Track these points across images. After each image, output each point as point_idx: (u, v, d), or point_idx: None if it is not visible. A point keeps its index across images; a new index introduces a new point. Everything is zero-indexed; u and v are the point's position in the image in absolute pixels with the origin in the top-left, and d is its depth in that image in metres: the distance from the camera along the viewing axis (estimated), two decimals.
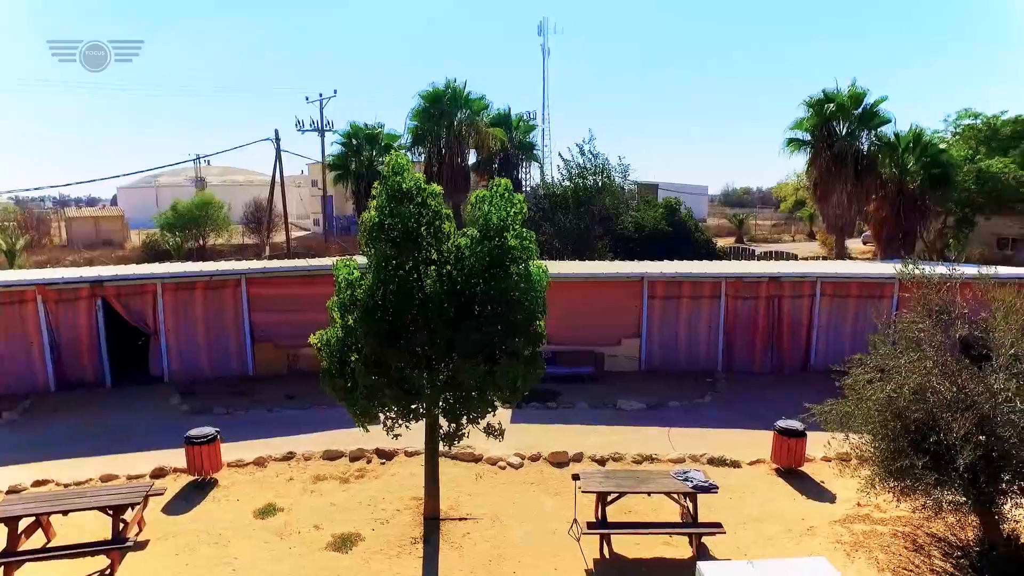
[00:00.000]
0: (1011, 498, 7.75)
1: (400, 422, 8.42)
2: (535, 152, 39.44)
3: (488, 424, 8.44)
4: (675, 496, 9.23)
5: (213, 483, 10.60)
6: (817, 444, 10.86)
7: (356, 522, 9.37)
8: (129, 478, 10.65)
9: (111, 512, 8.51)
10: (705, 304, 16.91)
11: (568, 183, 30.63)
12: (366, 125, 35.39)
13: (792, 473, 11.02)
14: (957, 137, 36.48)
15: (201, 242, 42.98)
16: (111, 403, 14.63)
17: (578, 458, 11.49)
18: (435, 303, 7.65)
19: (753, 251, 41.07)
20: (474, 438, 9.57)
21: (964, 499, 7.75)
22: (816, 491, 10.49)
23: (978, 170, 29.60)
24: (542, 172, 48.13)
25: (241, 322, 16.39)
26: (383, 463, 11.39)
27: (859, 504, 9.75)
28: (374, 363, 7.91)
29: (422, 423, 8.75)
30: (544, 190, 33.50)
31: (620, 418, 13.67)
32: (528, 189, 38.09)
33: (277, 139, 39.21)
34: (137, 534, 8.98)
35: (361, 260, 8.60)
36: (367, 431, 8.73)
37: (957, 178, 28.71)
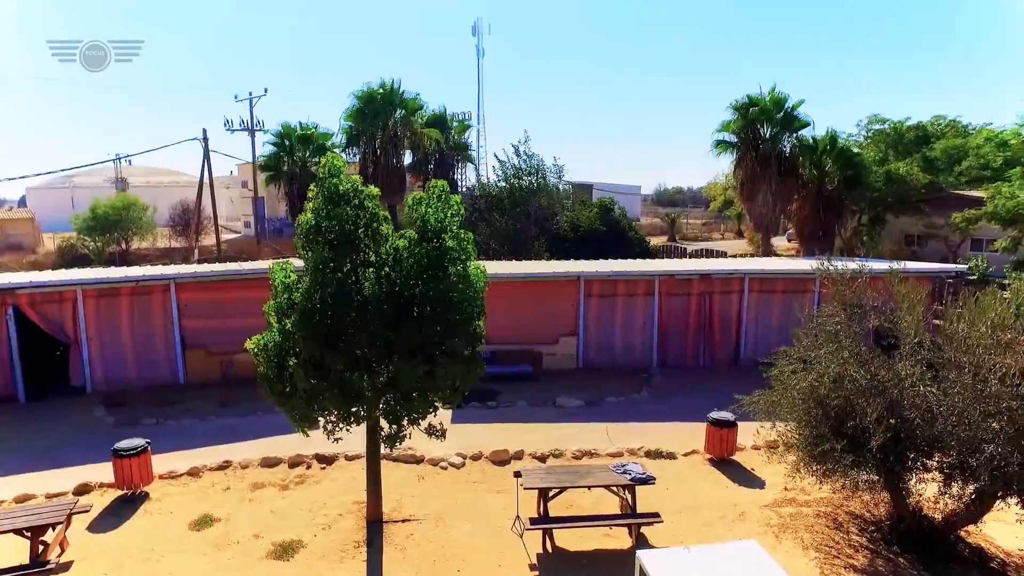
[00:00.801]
0: (915, 474, 8.37)
1: (341, 425, 8.37)
2: (471, 152, 39.54)
3: (429, 425, 8.48)
4: (614, 489, 9.49)
5: (144, 497, 10.23)
6: (747, 433, 11.41)
7: (297, 529, 9.24)
8: (49, 496, 10.13)
9: (29, 534, 8.09)
10: (640, 302, 17.39)
11: (504, 184, 30.85)
12: (300, 125, 34.65)
13: (725, 462, 11.50)
14: (868, 141, 38.69)
15: (124, 246, 41.07)
16: (27, 418, 13.88)
17: (519, 456, 11.65)
18: (374, 305, 7.64)
19: (685, 249, 42.34)
20: (416, 439, 9.59)
21: (877, 477, 8.33)
22: (747, 478, 10.98)
23: (887, 172, 31.46)
24: (478, 173, 48.28)
25: (171, 329, 15.83)
26: (323, 468, 11.25)
27: (786, 488, 10.26)
28: (313, 366, 7.83)
29: (363, 426, 8.71)
30: (480, 191, 33.63)
31: (560, 415, 13.92)
32: (464, 190, 38.12)
33: (205, 138, 37.86)
34: (59, 556, 8.55)
35: (297, 263, 8.50)
36: (307, 436, 8.64)
37: (869, 179, 30.43)
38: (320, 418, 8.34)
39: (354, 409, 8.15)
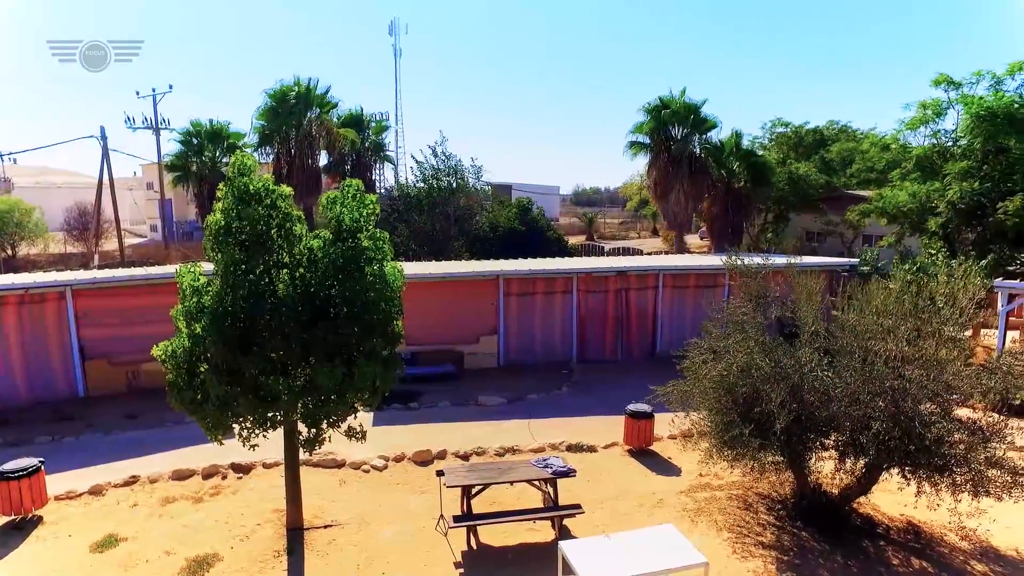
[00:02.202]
0: (815, 453, 8.96)
1: (257, 432, 8.12)
2: (389, 153, 39.07)
3: (349, 427, 8.35)
4: (536, 483, 9.64)
5: (37, 521, 9.53)
6: (664, 423, 11.80)
7: (213, 542, 8.88)
8: None
9: None
10: (558, 299, 17.72)
11: (422, 184, 30.68)
12: (210, 123, 33.23)
13: (643, 452, 11.89)
14: (772, 143, 40.94)
15: (10, 251, 38.13)
16: None
17: (442, 455, 11.64)
18: (289, 307, 7.46)
19: (602, 248, 43.36)
20: (337, 444, 9.44)
21: (781, 458, 8.85)
22: (664, 467, 11.40)
23: (789, 173, 33.40)
24: (396, 173, 47.71)
25: (67, 339, 14.84)
26: (240, 477, 10.87)
27: (701, 475, 10.72)
28: (226, 372, 7.57)
29: (280, 432, 8.49)
30: (399, 192, 33.31)
31: (482, 414, 13.99)
32: (383, 191, 37.62)
33: (104, 136, 35.66)
34: None
35: (207, 267, 8.19)
36: (222, 444, 8.32)
37: (773, 179, 32.19)
38: (235, 425, 8.07)
39: (270, 414, 7.93)
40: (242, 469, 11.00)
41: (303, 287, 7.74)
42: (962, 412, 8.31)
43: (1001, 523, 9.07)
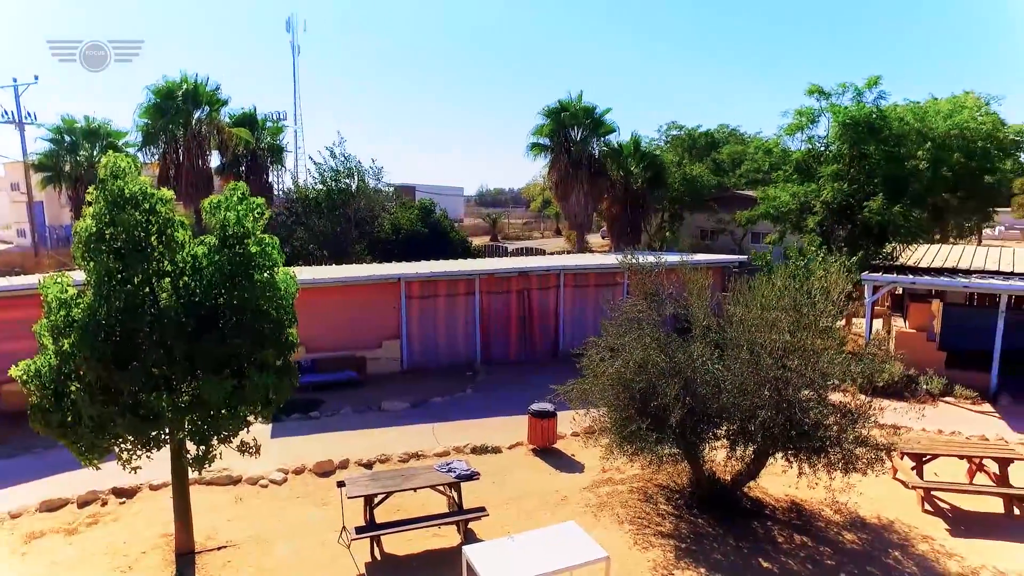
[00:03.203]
0: (708, 443, 9.39)
1: (139, 453, 7.58)
2: (285, 154, 37.59)
3: (242, 442, 7.96)
4: (441, 488, 9.56)
5: None
6: (567, 421, 12.00)
7: None
8: None
9: None
10: (461, 301, 17.68)
11: (321, 186, 29.78)
12: (85, 119, 30.77)
13: (547, 451, 12.04)
14: (668, 145, 42.69)
15: None
16: None
17: (344, 465, 11.33)
18: (171, 318, 7.01)
19: (506, 248, 43.67)
20: (232, 459, 8.98)
21: (677, 450, 9.21)
22: (568, 464, 11.59)
23: (684, 174, 34.95)
24: (296, 175, 46.10)
25: None
26: (123, 502, 10.11)
27: (603, 470, 10.99)
28: (101, 390, 7.01)
29: (167, 451, 7.96)
30: (298, 194, 32.15)
31: (385, 419, 13.73)
32: (281, 193, 36.20)
33: None
34: None
35: (78, 276, 7.56)
36: (98, 468, 7.70)
37: (669, 180, 33.56)
38: (114, 447, 7.49)
39: (153, 433, 7.41)
40: (125, 493, 10.24)
41: (187, 296, 7.30)
42: (835, 397, 8.94)
43: (867, 495, 9.87)
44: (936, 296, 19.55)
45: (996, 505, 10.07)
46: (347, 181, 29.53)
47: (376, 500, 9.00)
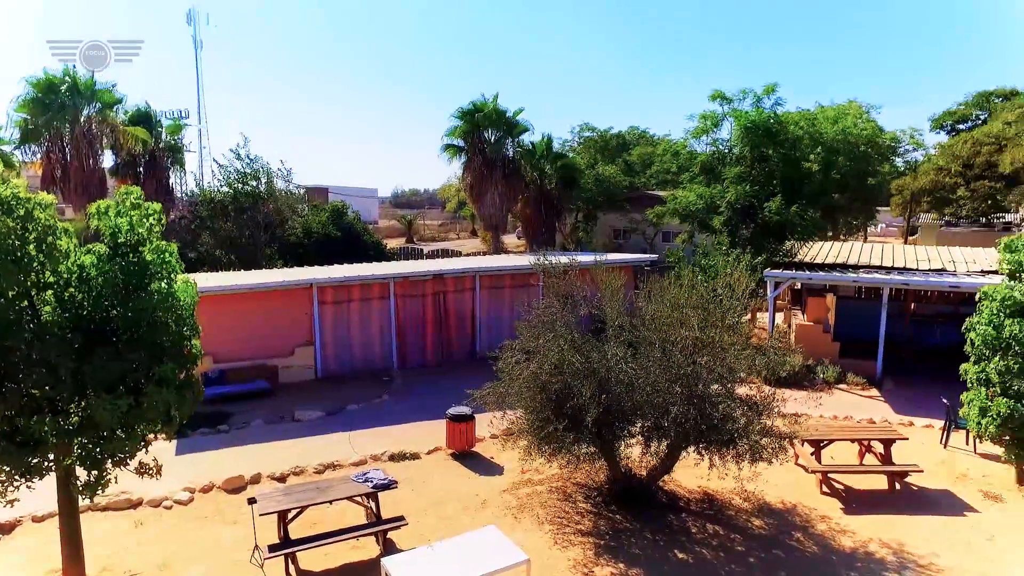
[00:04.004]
0: (624, 440, 9.60)
1: (17, 483, 6.94)
2: (187, 154, 35.63)
3: (140, 463, 7.44)
4: (358, 499, 9.31)
5: None
6: (485, 424, 11.96)
7: None
8: None
9: None
10: (376, 305, 17.34)
11: (227, 189, 28.45)
12: None
13: (467, 455, 11.97)
14: (581, 146, 43.50)
15: None
16: None
17: (256, 479, 10.86)
18: (54, 334, 6.47)
19: (422, 250, 43.23)
20: (131, 481, 8.42)
21: (594, 449, 9.36)
22: (487, 467, 11.57)
23: (596, 175, 35.69)
24: (201, 177, 43.91)
25: None
26: (0, 539, 9.24)
27: (522, 471, 11.03)
28: None
29: (53, 479, 7.33)
30: (202, 196, 30.58)
31: (300, 430, 13.27)
32: (184, 196, 34.32)
33: None
34: None
35: None
36: None
37: (583, 181, 34.16)
38: None
39: (35, 460, 6.81)
40: (3, 529, 9.35)
41: (73, 310, 6.76)
42: (742, 390, 9.34)
43: (772, 482, 10.40)
44: (830, 290, 20.85)
45: (882, 482, 10.83)
46: (254, 183, 28.33)
47: (290, 515, 8.67)
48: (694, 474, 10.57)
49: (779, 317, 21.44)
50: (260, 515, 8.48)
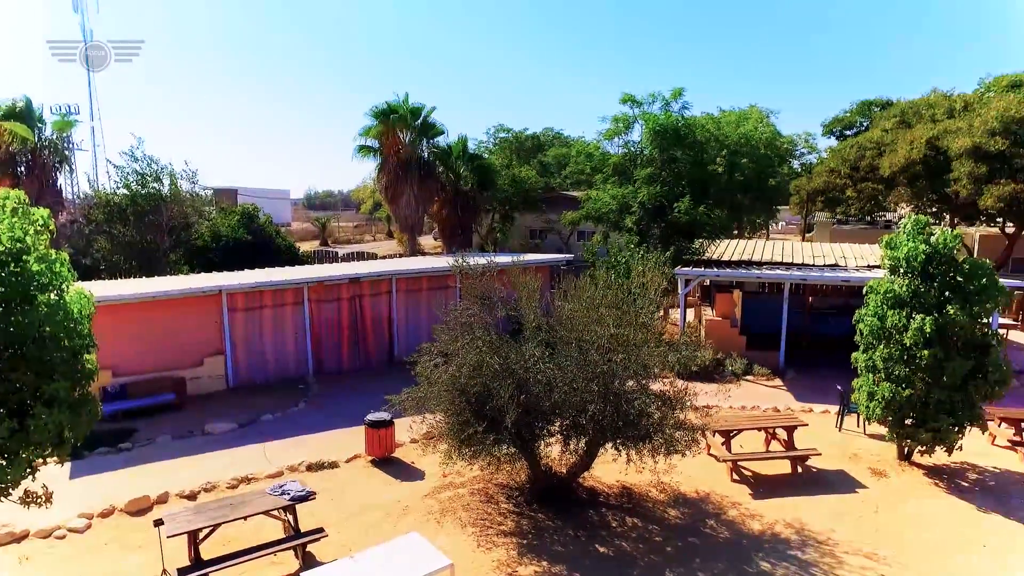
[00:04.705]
0: (543, 439, 9.74)
1: None
2: (77, 152, 33.30)
3: (26, 491, 6.90)
4: (275, 513, 9.01)
5: None
6: (405, 429, 11.84)
7: None
8: None
9: None
10: (289, 311, 16.82)
11: (125, 191, 26.80)
12: None
13: (387, 461, 11.80)
14: (496, 147, 43.69)
15: None
16: None
17: (163, 499, 10.30)
18: None
19: (336, 253, 42.22)
20: (17, 511, 7.78)
21: (514, 449, 9.44)
22: (408, 473, 11.44)
23: (512, 176, 35.95)
24: (96, 178, 41.18)
25: None
26: None
27: (444, 475, 10.98)
28: None
29: None
30: (97, 199, 28.65)
31: (211, 443, 12.68)
32: (77, 199, 32.06)
33: None
34: None
35: None
36: None
37: (498, 182, 34.32)
38: None
39: None
40: None
41: None
42: (656, 386, 9.65)
43: (687, 473, 10.83)
44: (736, 286, 21.88)
45: (786, 467, 11.49)
46: (156, 185, 26.80)
47: (202, 535, 8.28)
48: (613, 469, 10.84)
49: (690, 313, 22.29)
50: (168, 537, 8.05)
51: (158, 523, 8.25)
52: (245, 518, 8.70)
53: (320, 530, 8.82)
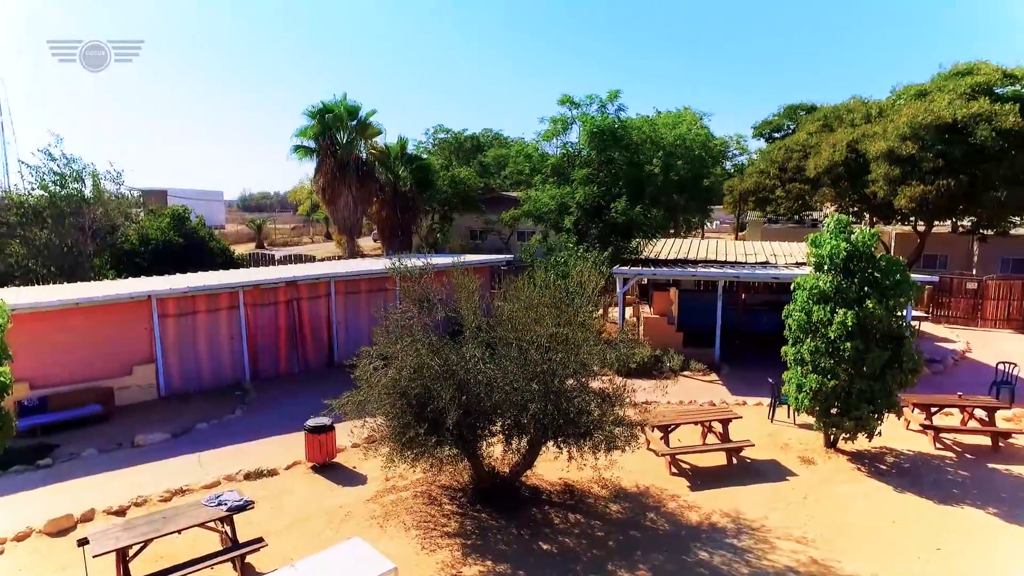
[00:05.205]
0: (486, 440, 9.79)
1: None
2: None
3: None
4: (211, 524, 8.74)
5: None
6: (346, 433, 11.70)
7: None
8: None
9: None
10: (224, 316, 16.33)
11: (43, 193, 25.43)
12: None
13: (328, 466, 11.62)
14: (436, 148, 43.49)
15: None
16: None
17: (89, 517, 9.84)
18: None
19: (273, 256, 41.18)
20: None
21: (456, 450, 9.45)
22: (350, 478, 11.30)
23: (452, 177, 35.87)
24: (7, 178, 38.90)
25: None
26: None
27: (386, 479, 10.89)
28: None
29: None
30: (9, 200, 27.07)
31: (142, 455, 12.19)
32: None
33: None
34: None
35: None
36: None
37: (438, 183, 34.18)
38: None
39: None
40: None
41: None
42: (596, 383, 9.83)
43: (627, 468, 11.07)
44: (673, 284, 22.46)
45: (722, 458, 11.89)
46: (77, 186, 25.51)
47: (132, 552, 7.98)
48: (555, 467, 10.98)
49: (628, 311, 22.73)
50: (94, 556, 7.70)
51: (82, 542, 7.90)
52: (179, 532, 8.41)
53: (259, 540, 8.61)
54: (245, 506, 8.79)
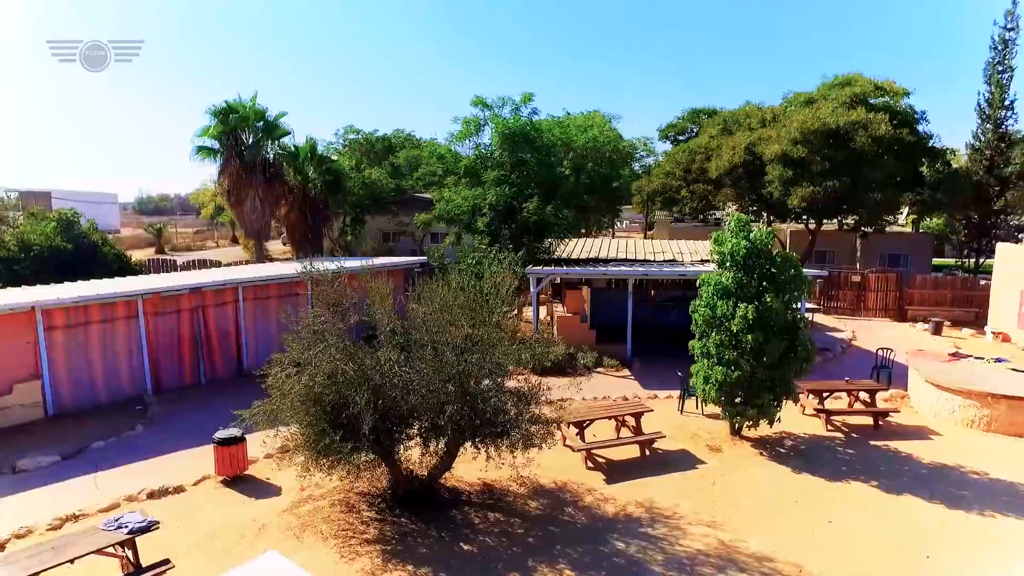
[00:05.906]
0: (403, 443, 9.73)
1: None
2: None
3: None
4: (110, 550, 8.22)
5: None
6: (258, 444, 11.26)
7: None
8: None
9: None
10: (121, 326, 15.37)
11: None
12: None
13: (240, 479, 11.18)
14: (346, 149, 42.54)
15: None
16: None
17: None
18: None
19: (175, 262, 39.11)
20: None
21: (373, 456, 9.34)
22: (263, 490, 10.92)
23: (363, 178, 35.23)
24: None
25: None
26: None
27: (302, 488, 10.59)
28: None
29: None
30: None
31: (25, 481, 11.25)
32: None
33: None
34: None
35: None
36: None
37: (348, 184, 33.48)
38: None
39: None
40: None
41: None
42: (512, 383, 9.95)
43: (544, 465, 11.26)
44: (585, 283, 22.99)
45: (635, 451, 12.32)
46: None
47: None
48: (473, 467, 11.02)
49: (542, 311, 23.11)
50: None
51: None
52: (72, 561, 7.83)
53: (166, 562, 8.19)
54: (149, 527, 8.33)
